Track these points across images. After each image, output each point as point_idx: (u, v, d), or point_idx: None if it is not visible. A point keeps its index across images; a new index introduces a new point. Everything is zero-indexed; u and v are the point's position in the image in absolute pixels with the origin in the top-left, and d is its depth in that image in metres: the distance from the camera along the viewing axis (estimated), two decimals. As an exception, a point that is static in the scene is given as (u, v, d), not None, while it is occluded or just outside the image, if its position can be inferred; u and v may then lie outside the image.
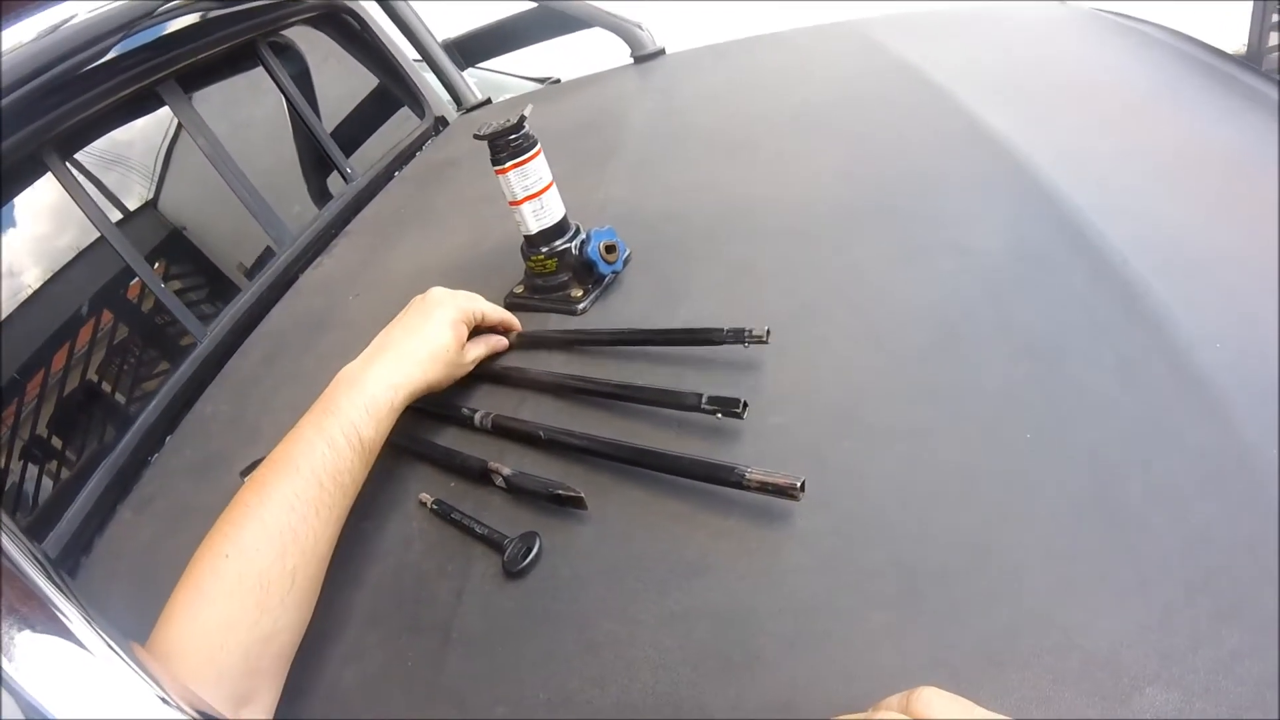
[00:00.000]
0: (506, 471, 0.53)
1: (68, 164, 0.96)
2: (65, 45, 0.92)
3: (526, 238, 0.73)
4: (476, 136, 0.68)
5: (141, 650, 0.37)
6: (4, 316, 0.84)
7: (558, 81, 2.32)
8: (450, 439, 0.62)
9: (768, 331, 0.54)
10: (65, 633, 0.34)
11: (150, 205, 1.09)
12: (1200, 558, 0.36)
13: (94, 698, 0.32)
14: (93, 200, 0.97)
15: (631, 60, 1.53)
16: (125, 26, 1.02)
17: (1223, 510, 0.38)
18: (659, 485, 0.50)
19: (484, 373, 0.68)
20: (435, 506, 0.55)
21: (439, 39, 1.66)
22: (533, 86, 2.36)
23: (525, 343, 0.70)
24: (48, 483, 0.82)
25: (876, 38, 1.19)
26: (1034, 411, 0.47)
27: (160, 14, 1.10)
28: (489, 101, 1.65)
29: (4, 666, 0.32)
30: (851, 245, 0.69)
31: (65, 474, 0.83)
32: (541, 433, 0.56)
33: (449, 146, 1.48)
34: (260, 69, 1.36)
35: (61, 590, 0.37)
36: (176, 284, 1.06)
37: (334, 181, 1.42)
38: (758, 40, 1.42)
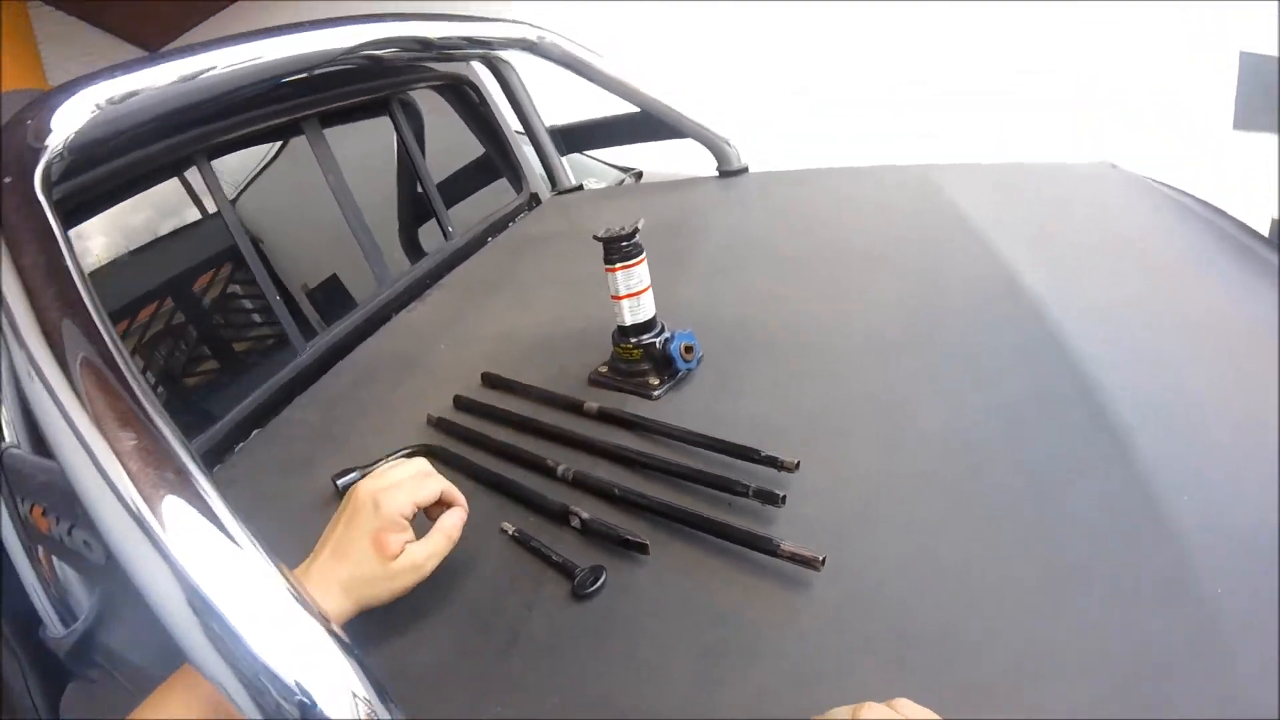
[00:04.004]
0: (585, 515, 0.68)
1: (211, 166, 1.17)
2: (238, 80, 1.13)
3: (620, 328, 0.90)
4: (596, 238, 0.86)
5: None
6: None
7: (639, 175, 2.56)
8: (534, 483, 0.77)
9: (798, 464, 0.68)
10: (216, 519, 0.45)
11: (270, 220, 1.28)
12: (1142, 658, 0.50)
13: (241, 584, 0.43)
14: (230, 205, 1.17)
15: (717, 173, 1.75)
16: (293, 70, 1.24)
17: (1167, 627, 0.51)
18: (707, 546, 0.65)
19: (565, 436, 0.84)
20: (515, 534, 0.70)
21: (546, 123, 1.90)
22: (615, 174, 2.61)
23: (605, 418, 0.86)
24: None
25: (939, 184, 1.38)
26: (1023, 525, 0.62)
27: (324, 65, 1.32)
28: (580, 188, 1.88)
29: (160, 536, 0.43)
30: (889, 368, 0.86)
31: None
32: (616, 490, 0.71)
33: (541, 223, 1.69)
34: (385, 120, 1.59)
35: (213, 486, 0.47)
36: (287, 295, 1.24)
37: (426, 236, 1.62)
38: (832, 172, 1.63)
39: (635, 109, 1.76)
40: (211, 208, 1.16)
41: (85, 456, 0.47)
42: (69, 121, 0.75)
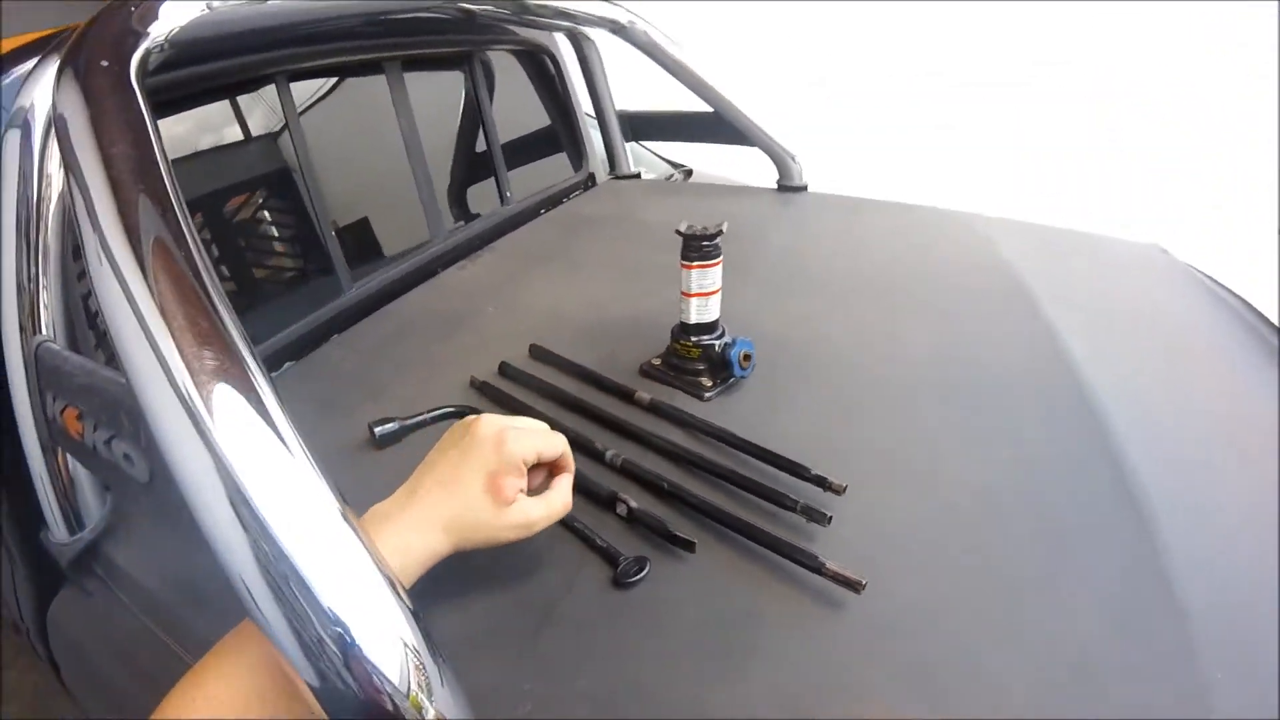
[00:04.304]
0: (633, 504, 0.68)
1: (289, 89, 1.15)
2: (342, 10, 1.12)
3: (683, 324, 0.89)
4: (678, 232, 0.85)
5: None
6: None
7: (689, 172, 2.56)
8: (579, 464, 0.76)
9: (845, 488, 0.69)
10: (274, 427, 0.43)
11: (334, 154, 1.26)
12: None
13: (289, 495, 0.41)
14: (301, 129, 1.15)
15: (776, 186, 1.75)
16: (392, 9, 1.22)
17: (1165, 703, 0.53)
18: (747, 552, 0.66)
19: (614, 422, 0.84)
20: (558, 511, 0.70)
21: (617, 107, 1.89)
22: (665, 167, 2.60)
23: (656, 410, 0.86)
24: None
25: (991, 237, 1.39)
26: (1040, 583, 0.63)
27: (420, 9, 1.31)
28: (638, 176, 1.87)
29: (210, 430, 0.41)
30: (929, 411, 0.86)
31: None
32: (665, 484, 0.71)
33: (596, 205, 1.69)
34: (458, 75, 1.58)
35: (274, 392, 0.45)
36: (340, 231, 1.23)
37: (478, 197, 1.61)
38: (889, 205, 1.63)
39: (699, 108, 1.75)
40: (279, 137, 1.16)
41: (148, 347, 0.44)
42: (177, 14, 0.73)
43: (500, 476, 0.57)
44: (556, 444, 0.62)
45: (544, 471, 0.64)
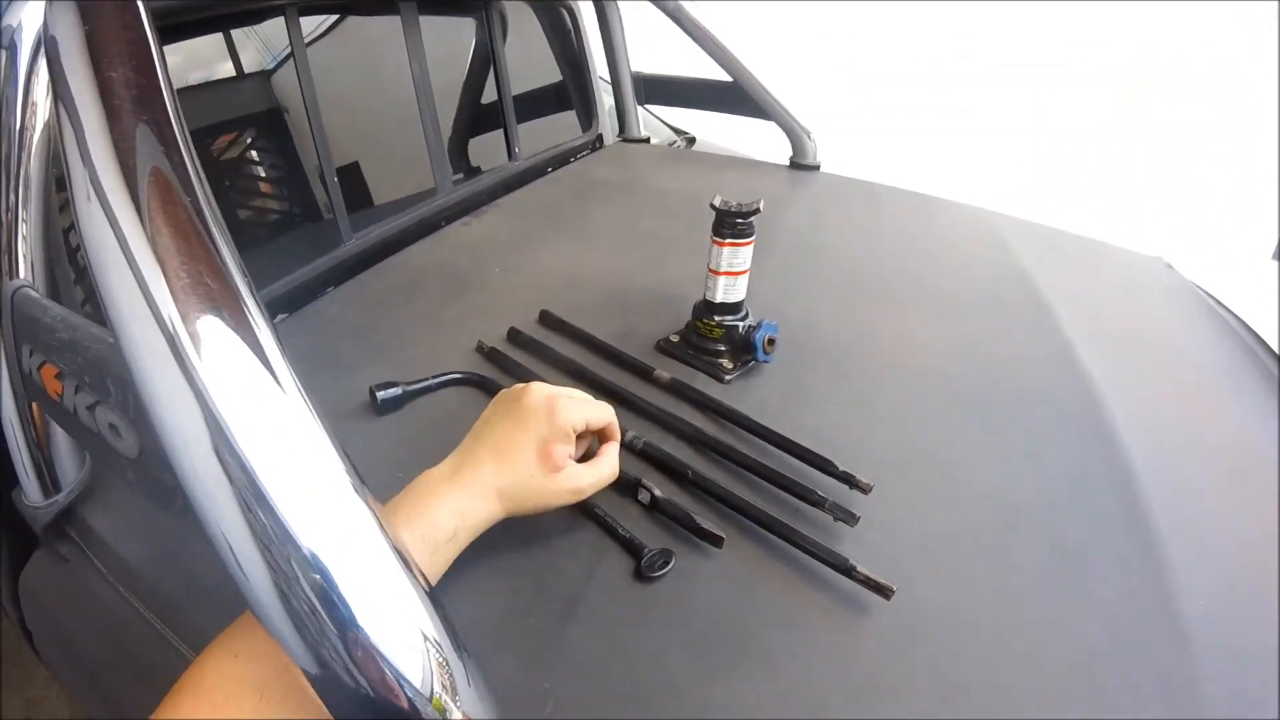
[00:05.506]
0: (658, 492, 0.65)
1: (299, 21, 1.08)
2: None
3: (707, 302, 0.86)
4: (713, 206, 0.82)
5: None
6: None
7: (692, 140, 2.50)
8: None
9: (871, 487, 0.67)
10: (262, 356, 0.38)
11: (340, 93, 1.19)
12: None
13: (294, 456, 0.37)
14: (308, 66, 1.08)
15: (788, 163, 1.70)
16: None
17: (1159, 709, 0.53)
18: (772, 548, 0.63)
19: (631, 401, 0.81)
20: (576, 495, 0.67)
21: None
22: (668, 133, 2.54)
23: (676, 391, 0.82)
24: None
25: (1004, 236, 1.36)
26: (1051, 591, 0.62)
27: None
28: (648, 140, 1.81)
29: (194, 362, 0.35)
30: (947, 417, 0.83)
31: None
32: (690, 472, 0.68)
33: (604, 167, 1.63)
34: (470, 21, 1.51)
35: (271, 330, 0.40)
36: (342, 175, 1.16)
37: (482, 151, 1.55)
38: (904, 194, 1.59)
39: (717, 77, 1.70)
40: (278, 70, 1.08)
41: (139, 297, 0.38)
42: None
43: (551, 443, 0.59)
44: (604, 413, 0.64)
45: (588, 440, 0.66)
